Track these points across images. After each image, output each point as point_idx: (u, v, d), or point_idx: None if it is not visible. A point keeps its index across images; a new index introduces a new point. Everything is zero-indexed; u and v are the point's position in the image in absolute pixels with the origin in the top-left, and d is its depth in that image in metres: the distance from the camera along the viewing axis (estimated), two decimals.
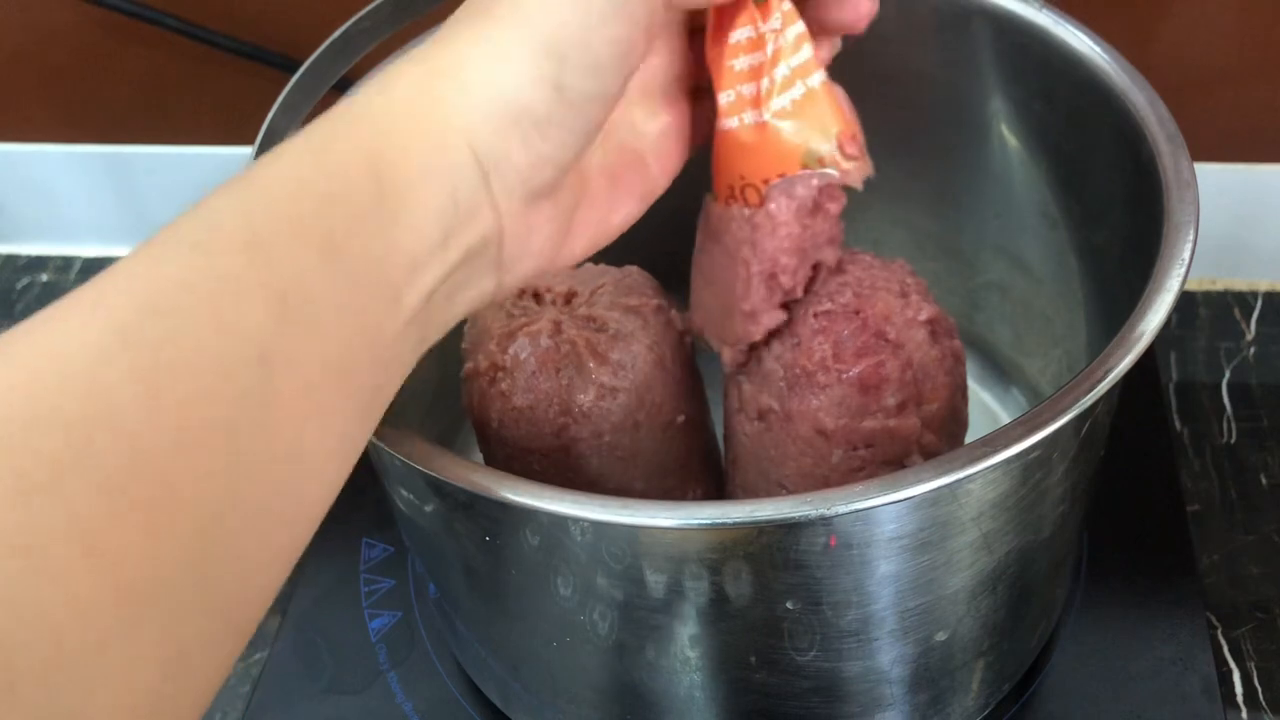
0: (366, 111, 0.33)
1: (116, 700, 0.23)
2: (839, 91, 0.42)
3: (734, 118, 0.41)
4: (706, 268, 0.46)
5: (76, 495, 0.23)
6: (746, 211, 0.43)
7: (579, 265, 0.50)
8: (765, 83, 0.40)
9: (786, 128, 0.41)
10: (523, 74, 0.33)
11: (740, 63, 0.40)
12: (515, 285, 0.37)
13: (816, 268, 0.45)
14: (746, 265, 0.43)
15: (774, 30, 0.40)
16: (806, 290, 0.45)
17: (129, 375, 0.25)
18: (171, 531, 0.24)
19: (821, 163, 0.41)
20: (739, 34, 0.40)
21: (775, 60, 0.40)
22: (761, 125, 0.40)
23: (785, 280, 0.43)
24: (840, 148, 0.41)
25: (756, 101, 0.41)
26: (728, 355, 0.46)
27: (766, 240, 0.42)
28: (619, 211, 0.40)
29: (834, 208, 0.43)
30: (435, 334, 0.34)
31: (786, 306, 0.45)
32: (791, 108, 0.41)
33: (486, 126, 0.33)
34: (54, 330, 0.25)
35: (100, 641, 0.23)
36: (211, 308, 0.27)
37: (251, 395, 0.27)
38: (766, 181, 0.41)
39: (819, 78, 0.41)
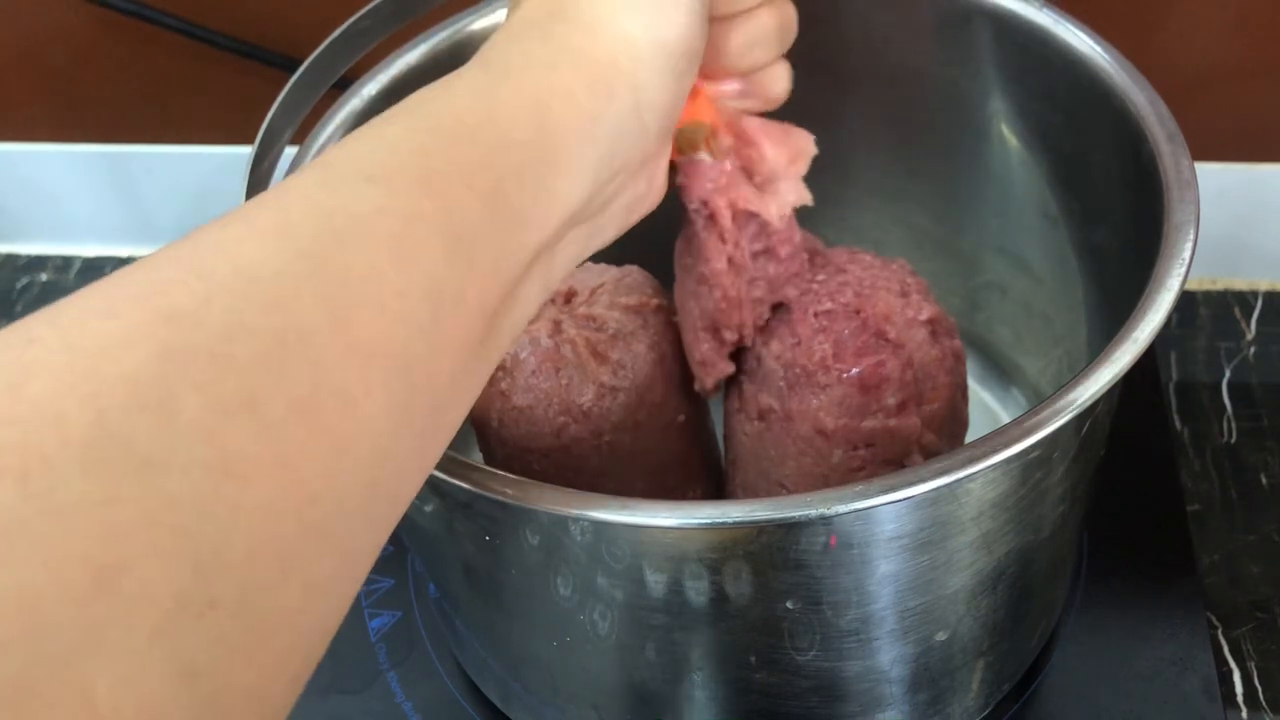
0: (528, 60, 0.33)
1: (303, 605, 0.24)
2: (756, 123, 0.43)
3: None
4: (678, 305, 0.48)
5: (271, 414, 0.23)
6: (689, 261, 0.44)
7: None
8: None
9: None
10: (682, 8, 0.34)
11: None
12: (628, 226, 0.38)
13: (778, 305, 0.46)
14: (692, 317, 0.45)
15: None
16: (762, 333, 0.46)
17: (315, 300, 0.25)
18: (353, 455, 0.25)
19: (694, 148, 0.42)
20: None
21: None
22: None
23: (729, 335, 0.45)
24: (710, 139, 0.42)
25: None
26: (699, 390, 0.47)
27: (705, 298, 0.44)
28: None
29: (784, 250, 0.44)
30: (558, 278, 0.35)
31: (736, 356, 0.46)
32: None
33: (649, 72, 0.34)
34: (241, 247, 0.26)
35: (289, 553, 0.24)
36: (390, 242, 0.27)
37: (423, 332, 0.27)
38: None
39: None
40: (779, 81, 0.42)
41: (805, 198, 0.44)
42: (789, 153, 0.44)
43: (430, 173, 0.29)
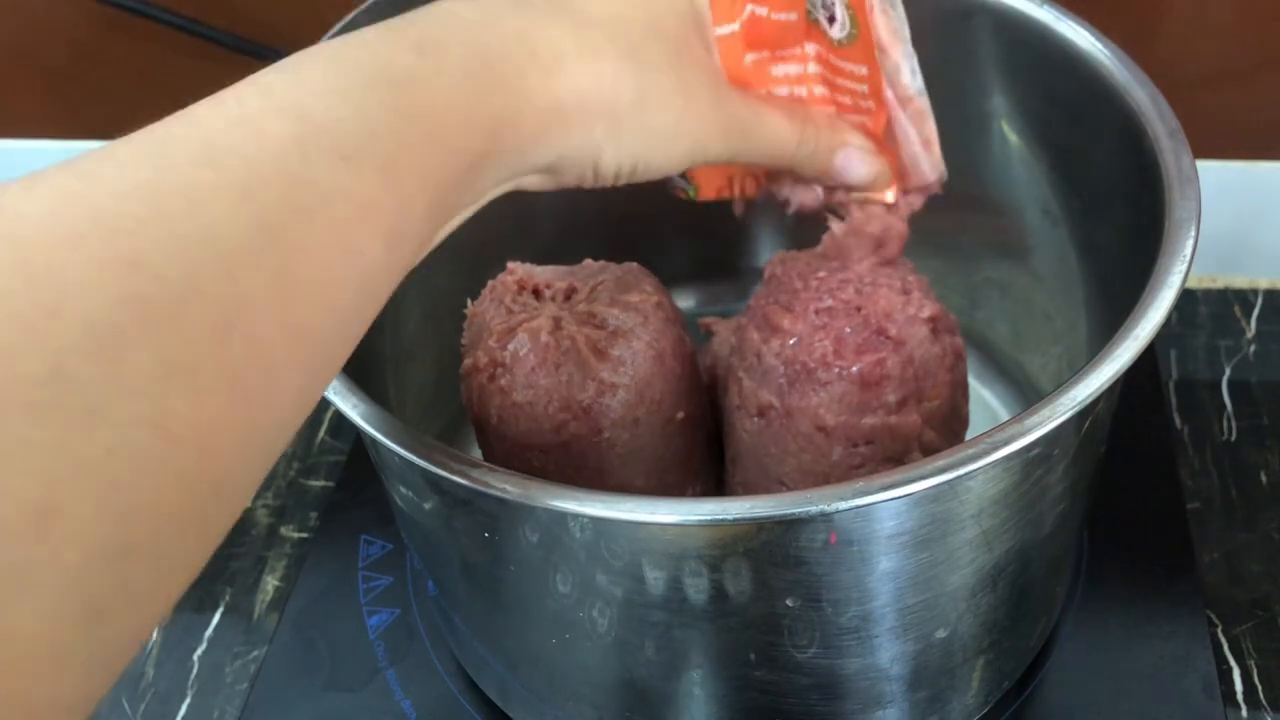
0: (512, 65, 0.34)
1: (194, 558, 0.25)
2: None
3: None
4: None
5: (207, 380, 0.24)
6: None
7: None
8: None
9: None
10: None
11: None
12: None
13: None
14: None
15: None
16: (762, 330, 0.46)
17: (265, 275, 0.26)
18: (263, 427, 0.26)
19: None
20: None
21: None
22: None
23: None
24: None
25: None
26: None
27: None
28: None
29: None
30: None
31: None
32: None
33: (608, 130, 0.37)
34: (208, 202, 0.26)
35: (196, 510, 0.25)
36: (344, 229, 0.28)
37: (348, 320, 0.29)
38: None
39: None
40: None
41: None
42: None
43: (395, 164, 0.29)
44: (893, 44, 0.43)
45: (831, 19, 0.43)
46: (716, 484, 0.51)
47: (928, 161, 0.46)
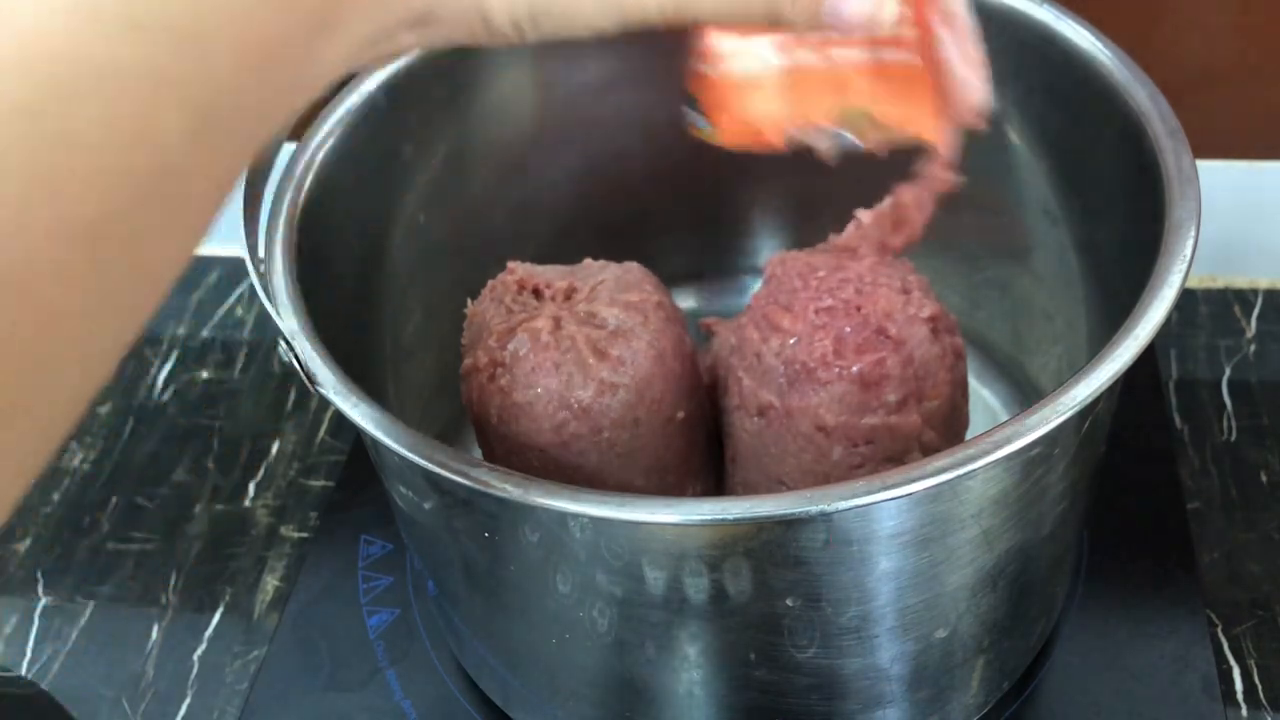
0: None
1: None
2: None
3: None
4: None
5: None
6: None
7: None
8: None
9: None
10: None
11: None
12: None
13: None
14: None
15: None
16: (762, 330, 0.44)
17: (24, 164, 0.23)
18: (52, 340, 0.24)
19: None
20: None
21: None
22: None
23: None
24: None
25: None
26: None
27: None
28: None
29: None
30: None
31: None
32: None
33: None
34: None
35: None
36: (134, 109, 0.25)
37: (141, 210, 0.25)
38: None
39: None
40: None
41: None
42: None
43: (200, 27, 0.25)
44: None
45: None
46: (716, 484, 0.51)
47: (978, 82, 0.41)
